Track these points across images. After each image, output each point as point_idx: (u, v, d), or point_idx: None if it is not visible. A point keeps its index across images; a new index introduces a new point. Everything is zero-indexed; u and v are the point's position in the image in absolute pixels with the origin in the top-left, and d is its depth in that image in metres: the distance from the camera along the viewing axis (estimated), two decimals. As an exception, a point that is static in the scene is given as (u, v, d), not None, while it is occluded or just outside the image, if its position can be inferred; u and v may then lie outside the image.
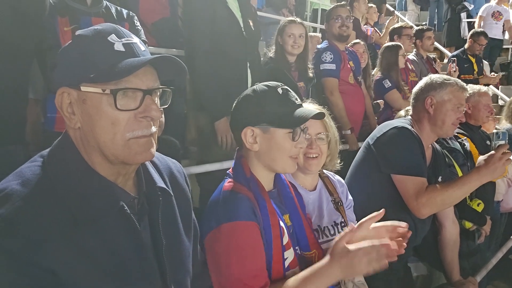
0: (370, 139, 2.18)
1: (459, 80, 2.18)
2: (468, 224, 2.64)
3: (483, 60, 6.36)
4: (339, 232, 1.71)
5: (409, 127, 2.08)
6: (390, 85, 3.98)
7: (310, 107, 1.74)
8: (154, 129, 0.95)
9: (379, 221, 1.28)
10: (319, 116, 1.41)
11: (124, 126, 0.91)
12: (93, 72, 0.88)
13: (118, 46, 0.91)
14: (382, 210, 1.27)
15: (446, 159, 2.40)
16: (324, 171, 1.88)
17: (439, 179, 2.20)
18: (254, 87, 1.40)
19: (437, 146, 2.35)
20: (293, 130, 1.35)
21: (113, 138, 0.91)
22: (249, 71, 2.71)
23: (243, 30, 2.66)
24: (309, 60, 3.27)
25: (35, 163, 0.93)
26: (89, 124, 0.91)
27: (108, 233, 0.92)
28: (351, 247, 1.20)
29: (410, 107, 2.32)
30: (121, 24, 2.06)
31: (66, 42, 1.93)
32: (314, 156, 1.70)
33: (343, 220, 1.76)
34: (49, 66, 1.96)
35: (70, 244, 0.86)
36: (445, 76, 2.19)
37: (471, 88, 2.91)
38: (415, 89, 2.23)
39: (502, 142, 2.02)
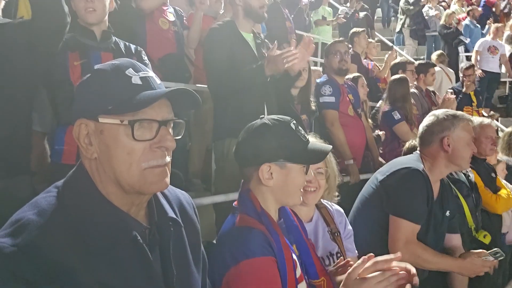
0: (379, 175, 2.19)
1: (463, 113, 2.23)
2: (487, 239, 2.61)
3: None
4: (334, 262, 1.70)
5: (420, 169, 2.08)
6: (400, 117, 3.99)
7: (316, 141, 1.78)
8: (168, 159, 0.97)
9: None
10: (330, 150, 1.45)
11: (140, 156, 0.93)
12: (111, 104, 0.92)
13: (136, 80, 0.95)
14: (399, 253, 1.29)
15: (454, 191, 2.41)
16: (322, 201, 1.88)
17: (447, 213, 2.21)
18: (265, 121, 1.39)
19: (445, 178, 2.36)
20: (307, 165, 1.39)
21: (129, 168, 0.93)
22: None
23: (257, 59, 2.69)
24: (310, 94, 3.33)
25: (50, 194, 0.95)
26: (106, 154, 0.93)
27: (121, 263, 0.92)
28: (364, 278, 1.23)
29: (416, 143, 2.32)
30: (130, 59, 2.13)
31: (76, 76, 2.02)
32: (312, 189, 1.72)
33: (339, 250, 1.76)
34: (59, 100, 2.00)
35: (85, 273, 0.86)
36: (449, 111, 2.21)
37: (474, 120, 2.94)
38: (423, 129, 2.22)
39: (491, 259, 2.09)
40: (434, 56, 7.41)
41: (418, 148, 2.26)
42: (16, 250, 0.82)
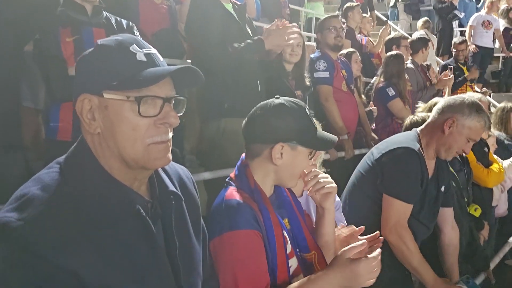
0: (376, 151, 2.19)
1: (489, 118, 2.13)
2: (478, 212, 2.66)
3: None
4: None
5: (416, 148, 2.06)
6: (394, 93, 4.01)
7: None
8: (171, 135, 0.98)
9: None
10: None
11: (144, 132, 0.94)
12: (116, 80, 0.91)
13: (140, 56, 0.94)
14: (377, 232, 1.40)
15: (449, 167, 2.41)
16: None
17: (442, 188, 2.23)
18: (283, 101, 1.41)
19: None
20: (313, 151, 1.43)
21: (134, 143, 0.94)
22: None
23: (246, 34, 2.69)
24: (305, 69, 3.32)
25: (52, 169, 0.96)
26: (110, 130, 0.94)
27: (125, 236, 0.94)
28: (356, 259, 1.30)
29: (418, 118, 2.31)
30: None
31: (68, 52, 1.99)
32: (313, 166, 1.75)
33: None
34: (51, 77, 1.98)
35: (91, 246, 0.88)
36: (480, 105, 2.09)
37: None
38: (444, 103, 2.14)
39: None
40: (419, 23, 7.43)
41: (425, 124, 2.21)
42: (22, 224, 0.83)
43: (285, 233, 1.42)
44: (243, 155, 1.49)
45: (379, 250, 1.34)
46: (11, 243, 0.83)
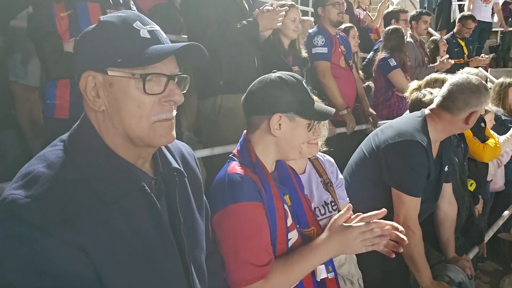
0: (381, 138, 2.15)
1: (489, 88, 2.11)
2: (473, 187, 2.69)
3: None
4: (329, 212, 1.79)
5: (422, 140, 2.03)
6: (395, 64, 4.01)
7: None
8: (175, 112, 0.98)
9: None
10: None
11: (150, 109, 0.94)
12: (121, 57, 0.90)
13: (144, 33, 0.93)
14: (384, 210, 1.40)
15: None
16: None
17: (445, 168, 2.24)
18: (280, 75, 1.43)
19: None
20: (312, 122, 1.44)
21: (139, 121, 0.94)
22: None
23: (242, 11, 2.67)
24: (301, 44, 3.30)
25: (56, 147, 0.96)
26: (115, 107, 0.94)
27: (131, 212, 0.95)
28: (348, 225, 1.36)
29: (420, 96, 2.29)
30: (117, 9, 2.05)
31: (63, 28, 1.96)
32: (316, 141, 1.76)
33: (333, 200, 1.82)
34: (46, 53, 1.95)
35: (98, 222, 0.89)
36: (484, 84, 2.05)
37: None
38: (453, 93, 2.04)
39: None
40: None
41: (432, 106, 2.14)
42: (30, 201, 0.84)
43: (286, 207, 1.45)
44: (245, 131, 1.51)
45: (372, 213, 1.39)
46: (19, 219, 0.83)
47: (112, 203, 0.92)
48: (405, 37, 4.18)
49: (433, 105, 2.15)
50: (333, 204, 1.82)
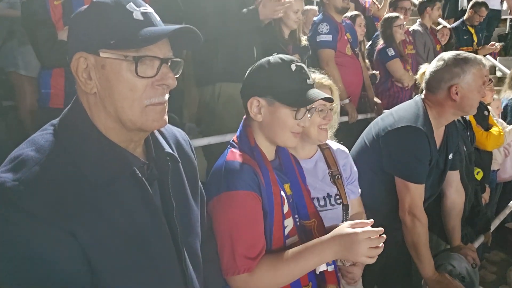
0: (381, 125, 2.12)
1: (476, 56, 2.06)
2: (480, 175, 2.64)
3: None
4: (331, 205, 1.72)
5: (423, 125, 1.99)
6: (394, 53, 3.96)
7: (320, 79, 1.74)
8: (167, 96, 0.97)
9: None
10: (326, 100, 1.40)
11: (142, 93, 0.92)
12: (113, 39, 0.89)
13: (137, 15, 0.91)
14: (371, 220, 1.32)
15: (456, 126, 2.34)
16: (327, 141, 1.85)
17: (450, 156, 2.20)
18: (270, 58, 1.39)
19: None
20: (298, 109, 1.35)
21: (132, 104, 0.92)
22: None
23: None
24: (301, 32, 3.26)
25: (46, 131, 0.94)
26: (107, 90, 0.92)
27: (122, 197, 0.94)
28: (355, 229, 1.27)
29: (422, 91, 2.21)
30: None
31: (57, 16, 1.93)
32: (326, 127, 1.69)
33: (338, 193, 1.74)
34: (40, 42, 1.92)
35: (88, 206, 0.88)
36: (461, 55, 2.02)
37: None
38: (430, 75, 2.07)
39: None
40: None
41: (423, 93, 2.14)
42: (17, 184, 0.83)
43: (283, 194, 1.41)
44: (244, 116, 1.48)
45: (381, 228, 1.28)
46: (6, 202, 0.82)
47: (102, 187, 0.91)
48: (399, 25, 4.06)
49: (423, 92, 2.14)
50: (337, 197, 1.74)
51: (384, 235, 1.26)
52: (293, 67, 1.36)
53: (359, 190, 1.89)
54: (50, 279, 0.84)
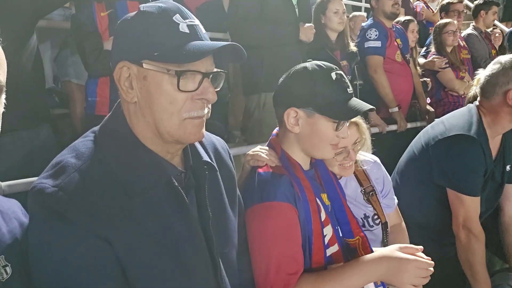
0: (432, 134, 2.02)
1: None
2: None
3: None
4: (370, 226, 1.64)
5: (476, 134, 1.89)
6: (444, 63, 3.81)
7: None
8: (207, 110, 0.96)
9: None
10: (370, 110, 1.33)
11: (182, 106, 0.92)
12: (157, 51, 0.89)
13: (183, 27, 0.91)
14: (421, 247, 1.27)
15: None
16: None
17: (508, 168, 2.06)
18: (306, 65, 1.31)
19: None
20: (339, 121, 1.28)
21: (170, 117, 0.92)
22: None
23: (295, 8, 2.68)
24: (349, 38, 3.21)
25: (87, 138, 0.97)
26: (148, 100, 0.92)
27: (158, 205, 0.94)
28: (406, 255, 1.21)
29: (476, 97, 2.08)
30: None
31: (103, 27, 2.01)
32: (349, 164, 1.56)
33: (375, 212, 1.65)
34: (87, 52, 2.00)
35: (123, 214, 0.89)
36: None
37: None
38: (485, 79, 1.96)
39: None
40: None
41: (477, 99, 2.03)
42: (56, 190, 0.85)
43: (319, 201, 1.34)
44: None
45: (432, 262, 1.23)
46: (46, 208, 0.85)
47: (138, 196, 0.91)
48: (449, 31, 3.88)
49: (478, 98, 2.02)
50: (375, 217, 1.64)
51: (432, 269, 1.21)
52: (333, 75, 1.27)
53: (396, 200, 1.79)
54: (86, 285, 0.85)
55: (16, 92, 0.97)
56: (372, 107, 1.32)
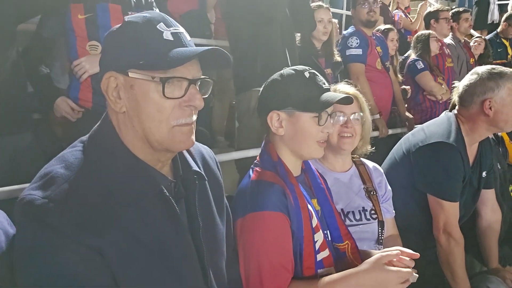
0: (412, 141, 2.07)
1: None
2: None
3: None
4: (367, 219, 1.69)
5: (455, 141, 1.94)
6: (423, 66, 3.89)
7: (344, 88, 1.74)
8: (195, 117, 0.97)
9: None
10: (346, 101, 1.36)
11: (170, 114, 0.92)
12: (142, 59, 0.90)
13: (167, 35, 0.92)
14: (417, 255, 1.27)
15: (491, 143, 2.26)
16: (361, 159, 1.85)
17: (484, 174, 2.13)
18: (282, 71, 1.38)
19: None
20: (319, 115, 1.32)
21: (159, 125, 0.92)
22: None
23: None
24: (334, 46, 3.24)
25: (76, 148, 0.96)
26: (136, 110, 0.92)
27: (149, 215, 0.94)
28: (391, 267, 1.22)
29: (455, 106, 2.13)
30: (139, 12, 2.03)
31: (81, 30, 1.93)
32: (348, 135, 1.68)
33: (373, 208, 1.72)
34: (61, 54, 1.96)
35: (114, 224, 0.88)
36: (496, 69, 1.97)
37: None
38: (463, 89, 2.02)
39: None
40: None
41: (456, 108, 2.09)
42: (46, 202, 0.84)
43: (310, 208, 1.37)
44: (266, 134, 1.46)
45: (416, 275, 1.25)
46: (36, 220, 0.84)
47: (129, 206, 0.91)
48: (434, 38, 3.99)
49: (456, 107, 2.08)
50: (372, 212, 1.71)
51: (416, 274, 1.23)
52: (307, 74, 1.34)
53: (394, 211, 1.84)
54: None
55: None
56: (348, 95, 1.37)
